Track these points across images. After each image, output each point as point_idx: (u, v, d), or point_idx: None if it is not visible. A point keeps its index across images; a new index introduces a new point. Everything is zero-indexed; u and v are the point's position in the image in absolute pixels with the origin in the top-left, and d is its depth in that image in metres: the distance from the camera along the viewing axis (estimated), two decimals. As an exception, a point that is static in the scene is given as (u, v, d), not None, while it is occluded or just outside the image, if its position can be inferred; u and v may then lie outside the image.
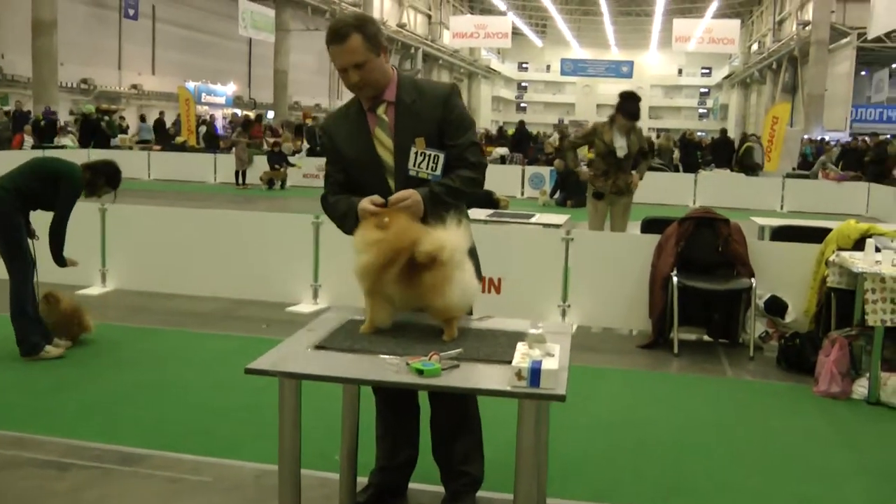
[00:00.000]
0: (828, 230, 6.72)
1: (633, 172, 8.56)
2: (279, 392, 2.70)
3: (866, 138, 23.09)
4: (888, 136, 22.66)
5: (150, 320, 6.92)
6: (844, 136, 32.54)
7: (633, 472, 4.18)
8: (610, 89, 66.57)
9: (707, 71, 70.69)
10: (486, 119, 60.65)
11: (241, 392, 5.11)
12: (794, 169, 22.84)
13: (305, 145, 23.81)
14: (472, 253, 3.09)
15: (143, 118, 27.83)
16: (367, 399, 3.56)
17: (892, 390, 5.30)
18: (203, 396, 5.06)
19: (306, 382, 2.74)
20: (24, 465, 3.99)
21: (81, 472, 3.93)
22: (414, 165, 3.23)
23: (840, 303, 6.00)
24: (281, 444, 2.75)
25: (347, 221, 3.24)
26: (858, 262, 5.56)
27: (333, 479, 3.64)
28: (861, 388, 5.44)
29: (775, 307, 6.55)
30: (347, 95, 3.44)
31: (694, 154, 23.51)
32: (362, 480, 3.63)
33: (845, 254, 5.87)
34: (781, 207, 18.40)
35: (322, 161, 16.74)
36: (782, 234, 7.59)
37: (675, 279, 6.41)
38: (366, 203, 3.13)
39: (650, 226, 7.42)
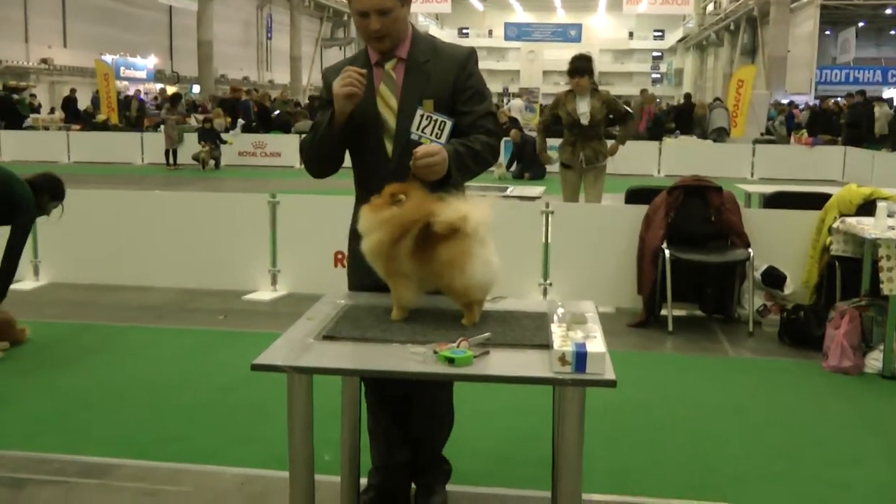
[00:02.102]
0: (825, 196, 6.72)
1: (613, 141, 8.53)
2: (288, 389, 2.55)
3: (839, 100, 23.26)
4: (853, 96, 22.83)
5: (94, 316, 6.65)
6: (809, 100, 32.98)
7: (648, 462, 4.11)
8: (556, 55, 66.28)
9: (660, 34, 70.91)
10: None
11: (207, 391, 4.97)
12: (762, 134, 23.04)
13: (240, 121, 23.35)
14: None
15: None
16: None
17: (907, 363, 5.32)
18: (167, 398, 4.85)
19: (279, 376, 2.54)
20: (-29, 483, 3.77)
21: (40, 487, 3.73)
22: (417, 129, 3.07)
23: (845, 272, 6.02)
24: (291, 448, 2.59)
25: (321, 131, 3.13)
26: (869, 228, 5.54)
27: (327, 481, 3.50)
28: (874, 361, 5.45)
29: (773, 279, 6.54)
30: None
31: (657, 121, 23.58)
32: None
33: (852, 220, 5.86)
34: (752, 175, 18.51)
35: (259, 138, 16.44)
36: (775, 200, 7.59)
37: (666, 252, 6.37)
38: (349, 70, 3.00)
39: (634, 196, 7.37)
